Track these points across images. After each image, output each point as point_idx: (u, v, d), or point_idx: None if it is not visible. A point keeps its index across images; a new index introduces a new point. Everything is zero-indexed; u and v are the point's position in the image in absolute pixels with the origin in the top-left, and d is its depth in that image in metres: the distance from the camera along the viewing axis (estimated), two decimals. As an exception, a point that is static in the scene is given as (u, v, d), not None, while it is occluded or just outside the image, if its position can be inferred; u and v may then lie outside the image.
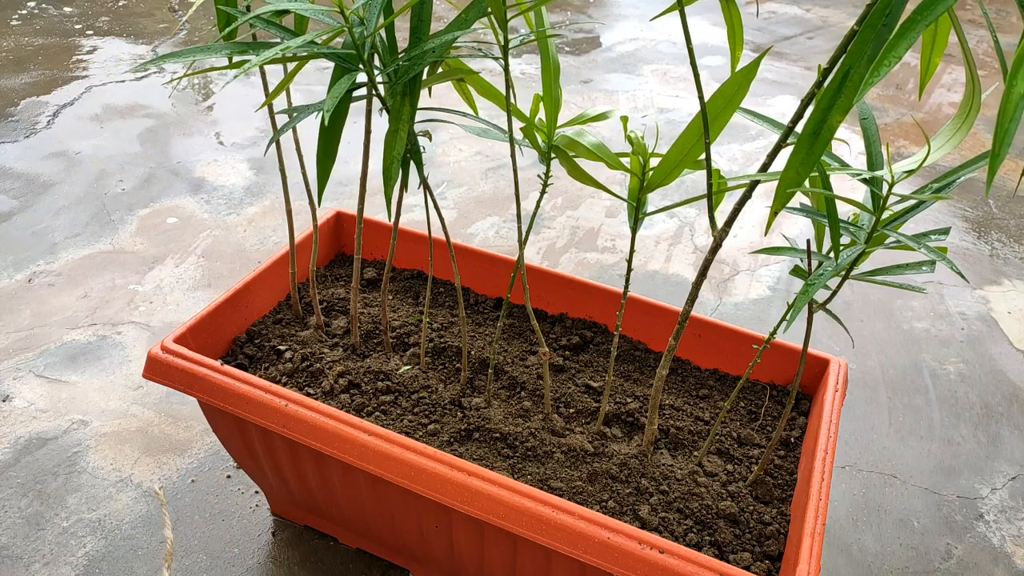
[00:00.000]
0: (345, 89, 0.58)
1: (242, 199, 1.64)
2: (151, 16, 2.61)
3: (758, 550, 0.70)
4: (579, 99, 2.27)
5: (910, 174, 0.55)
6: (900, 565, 0.99)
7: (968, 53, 0.48)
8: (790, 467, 0.79)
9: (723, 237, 0.60)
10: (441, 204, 1.69)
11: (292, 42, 0.55)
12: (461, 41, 0.66)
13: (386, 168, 0.63)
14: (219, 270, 1.41)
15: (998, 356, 1.37)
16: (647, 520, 0.70)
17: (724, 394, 0.88)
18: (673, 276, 1.51)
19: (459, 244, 0.97)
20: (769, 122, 0.62)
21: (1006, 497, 1.10)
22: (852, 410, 1.22)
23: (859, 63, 0.43)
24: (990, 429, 1.22)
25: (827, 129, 0.45)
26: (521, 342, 0.93)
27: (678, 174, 0.63)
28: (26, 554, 0.91)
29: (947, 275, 1.58)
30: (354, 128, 1.74)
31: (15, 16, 2.51)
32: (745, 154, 2.01)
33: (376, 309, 0.94)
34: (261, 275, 0.90)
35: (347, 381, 0.82)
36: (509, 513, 0.64)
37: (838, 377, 0.81)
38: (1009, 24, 3.17)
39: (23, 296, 1.31)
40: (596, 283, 0.94)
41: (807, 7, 3.32)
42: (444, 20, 2.72)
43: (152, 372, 0.76)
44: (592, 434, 0.79)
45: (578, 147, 0.67)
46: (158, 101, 2.04)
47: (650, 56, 2.65)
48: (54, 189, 1.62)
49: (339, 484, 0.79)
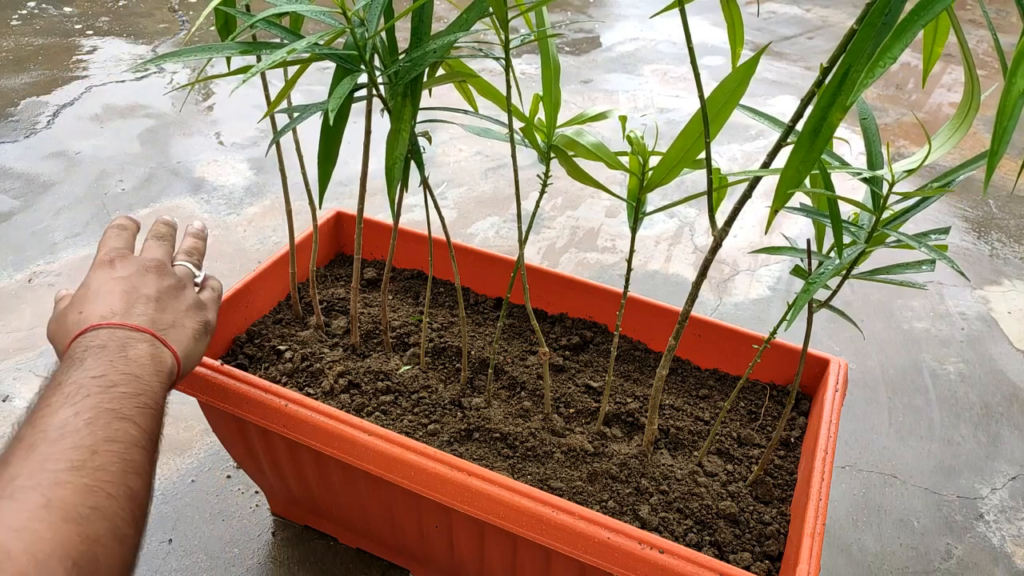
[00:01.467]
0: (348, 90, 0.58)
1: (242, 199, 1.64)
2: (151, 16, 2.61)
3: (758, 550, 0.70)
4: (579, 99, 2.27)
5: (910, 173, 0.55)
6: (900, 565, 0.99)
7: (967, 52, 0.48)
8: (790, 467, 0.79)
9: (723, 237, 0.60)
10: (441, 204, 1.69)
11: (297, 44, 0.55)
12: (462, 41, 0.66)
13: (389, 168, 0.63)
14: (219, 270, 1.41)
15: (998, 356, 1.37)
16: (647, 520, 0.70)
17: (724, 394, 0.88)
18: (673, 276, 1.51)
19: (459, 244, 0.97)
20: (769, 120, 0.62)
21: (1006, 497, 1.10)
22: (852, 410, 1.22)
23: (859, 62, 0.43)
24: (990, 429, 1.22)
25: (827, 127, 0.45)
26: (521, 342, 0.93)
27: (678, 173, 0.63)
28: (26, 554, 0.91)
29: (947, 275, 1.58)
30: (353, 128, 1.74)
31: (15, 16, 2.51)
32: (745, 154, 2.01)
33: (376, 309, 0.94)
34: (261, 275, 0.90)
35: (347, 381, 0.82)
36: (509, 513, 0.64)
37: (838, 377, 0.81)
38: (1009, 24, 3.17)
39: (23, 296, 1.31)
40: (596, 283, 0.94)
41: (807, 7, 3.32)
42: (445, 20, 2.72)
43: (152, 372, 0.76)
44: (592, 434, 0.79)
45: (578, 147, 0.67)
46: (158, 101, 2.04)
47: (650, 56, 2.65)
48: (54, 189, 1.62)
49: (339, 484, 0.79)
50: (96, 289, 0.59)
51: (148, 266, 0.63)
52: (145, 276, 0.62)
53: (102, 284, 0.60)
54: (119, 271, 0.61)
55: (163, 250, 0.68)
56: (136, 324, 0.57)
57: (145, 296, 0.60)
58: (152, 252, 0.66)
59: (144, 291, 0.60)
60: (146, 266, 0.63)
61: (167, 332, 0.59)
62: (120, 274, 0.61)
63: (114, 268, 0.61)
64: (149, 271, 0.62)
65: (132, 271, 0.62)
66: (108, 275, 0.61)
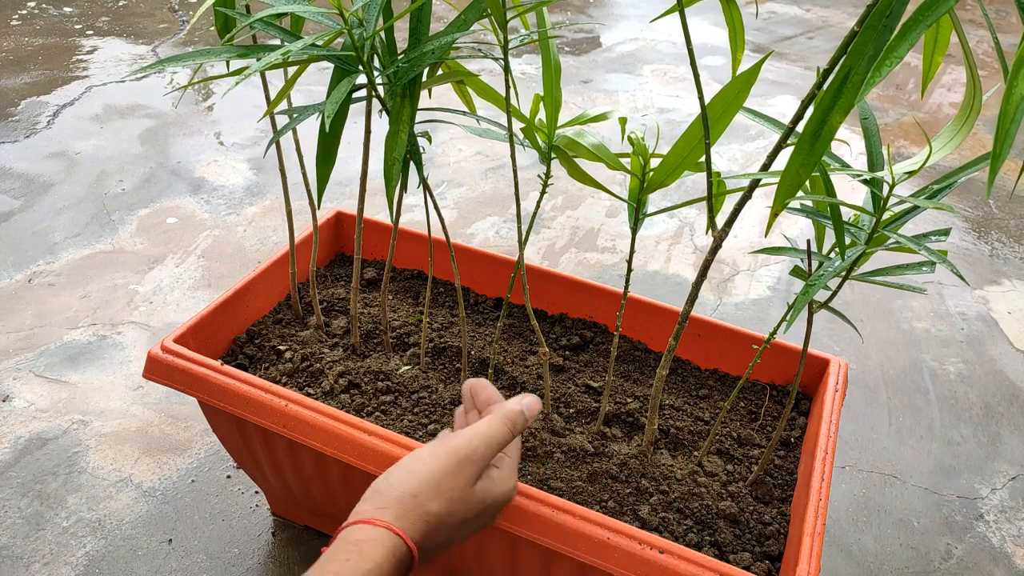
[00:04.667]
0: (346, 93, 0.58)
1: (242, 199, 1.64)
2: (151, 16, 2.61)
3: (758, 550, 0.70)
4: (579, 99, 2.27)
5: (911, 175, 0.55)
6: (900, 565, 0.99)
7: (969, 54, 0.48)
8: (790, 467, 0.79)
9: (723, 237, 0.60)
10: (441, 204, 1.69)
11: (294, 46, 0.55)
12: (461, 42, 0.66)
13: (387, 169, 0.63)
14: (219, 270, 1.41)
15: (998, 356, 1.37)
16: (647, 520, 0.70)
17: (724, 394, 0.88)
18: (673, 276, 1.51)
19: (459, 244, 0.97)
20: (770, 121, 0.62)
21: (1006, 497, 1.10)
22: (852, 410, 1.22)
23: (859, 64, 0.43)
24: (990, 429, 1.22)
25: (828, 130, 0.45)
26: (521, 342, 0.93)
27: (678, 175, 0.63)
28: (26, 554, 0.91)
29: (947, 275, 1.58)
30: (353, 128, 1.75)
31: (15, 16, 2.51)
32: (745, 154, 2.01)
33: (376, 309, 0.94)
34: (261, 275, 0.90)
35: (347, 381, 0.82)
36: (509, 513, 0.64)
37: (838, 377, 0.81)
38: (1009, 24, 3.17)
39: (23, 296, 1.31)
40: (596, 283, 0.94)
41: (807, 7, 3.32)
42: (444, 20, 2.72)
43: (152, 372, 0.76)
44: (592, 434, 0.79)
45: (578, 147, 0.67)
46: (158, 101, 2.04)
47: (650, 56, 2.65)
48: (54, 189, 1.62)
49: (339, 484, 0.79)
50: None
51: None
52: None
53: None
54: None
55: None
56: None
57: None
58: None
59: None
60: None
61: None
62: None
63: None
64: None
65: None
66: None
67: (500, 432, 0.58)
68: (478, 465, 0.56)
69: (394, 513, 0.53)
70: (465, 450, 0.56)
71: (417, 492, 0.54)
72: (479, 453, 0.56)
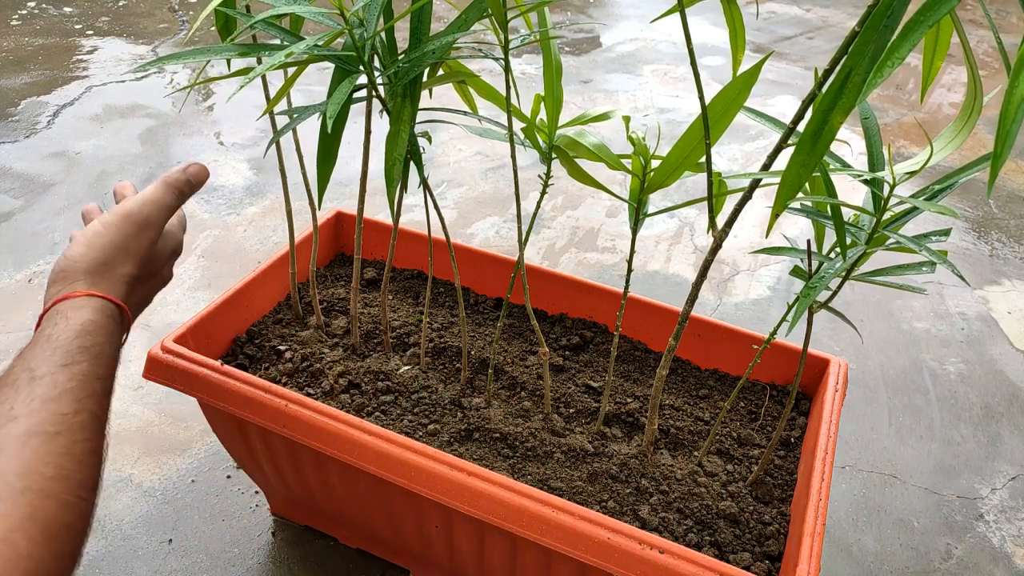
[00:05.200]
0: (347, 94, 0.58)
1: (242, 199, 1.64)
2: (151, 16, 2.61)
3: (758, 550, 0.70)
4: (579, 99, 2.27)
5: (912, 175, 0.55)
6: (900, 565, 0.99)
7: (970, 54, 0.48)
8: (790, 467, 0.79)
9: (723, 238, 0.60)
10: (441, 204, 1.69)
11: (296, 46, 0.55)
12: (462, 42, 0.66)
13: (388, 170, 0.63)
14: (219, 270, 1.41)
15: (998, 356, 1.37)
16: (647, 520, 0.70)
17: (724, 394, 0.88)
18: (673, 276, 1.51)
19: (459, 244, 0.97)
20: (770, 121, 0.62)
21: (1006, 497, 1.10)
22: (852, 410, 1.22)
23: (860, 64, 0.43)
24: (990, 429, 1.22)
25: (828, 130, 0.45)
26: (521, 342, 0.93)
27: (679, 176, 0.63)
28: (26, 554, 0.91)
29: (947, 275, 1.58)
30: (353, 128, 1.75)
31: (15, 16, 2.51)
32: (745, 154, 2.01)
33: (376, 309, 0.94)
34: (261, 275, 0.90)
35: (347, 381, 0.82)
36: (509, 513, 0.64)
37: (838, 377, 0.81)
38: (1009, 24, 3.17)
39: (23, 296, 1.31)
40: (596, 283, 0.94)
41: (807, 7, 3.32)
42: (444, 20, 2.72)
43: (152, 372, 0.76)
44: (592, 434, 0.79)
45: (579, 147, 0.67)
46: (158, 101, 2.04)
47: (650, 56, 2.65)
48: (54, 189, 1.62)
49: (339, 484, 0.79)
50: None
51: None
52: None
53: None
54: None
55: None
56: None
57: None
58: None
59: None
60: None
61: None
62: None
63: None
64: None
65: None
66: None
67: (168, 197, 0.60)
68: (156, 228, 0.59)
69: (88, 283, 0.56)
70: (140, 215, 0.58)
71: (106, 260, 0.57)
72: (154, 217, 0.59)
